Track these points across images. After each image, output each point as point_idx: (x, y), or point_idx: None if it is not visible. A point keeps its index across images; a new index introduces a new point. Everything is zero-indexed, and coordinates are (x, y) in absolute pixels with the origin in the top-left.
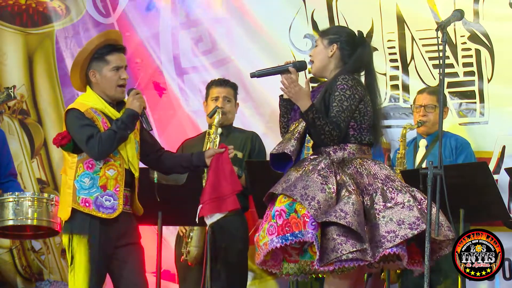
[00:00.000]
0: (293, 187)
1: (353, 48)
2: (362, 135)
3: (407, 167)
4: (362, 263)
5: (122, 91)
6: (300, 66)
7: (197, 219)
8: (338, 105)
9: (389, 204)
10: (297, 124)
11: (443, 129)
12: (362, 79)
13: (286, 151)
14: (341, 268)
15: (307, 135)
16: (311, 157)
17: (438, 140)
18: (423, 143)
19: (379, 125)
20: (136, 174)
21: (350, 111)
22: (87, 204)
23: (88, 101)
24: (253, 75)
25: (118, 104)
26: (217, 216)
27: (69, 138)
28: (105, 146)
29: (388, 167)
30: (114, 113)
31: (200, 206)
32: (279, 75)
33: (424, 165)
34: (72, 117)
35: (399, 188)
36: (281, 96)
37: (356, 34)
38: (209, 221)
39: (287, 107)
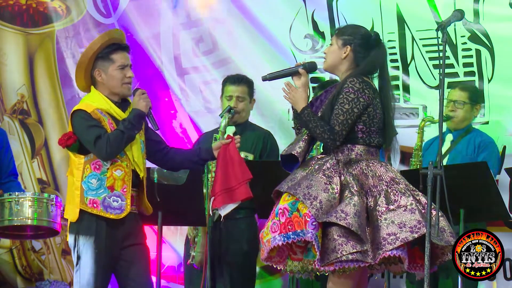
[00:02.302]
0: (297, 186)
1: (366, 50)
2: (371, 137)
3: (425, 160)
4: (363, 264)
5: (128, 88)
6: (310, 67)
7: (211, 212)
8: (338, 107)
9: (391, 207)
10: None
11: (472, 125)
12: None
13: (293, 153)
14: (342, 268)
15: None
16: (318, 157)
17: (464, 135)
18: (449, 137)
19: (391, 127)
20: (142, 174)
21: (351, 114)
22: (95, 205)
23: (94, 101)
24: (264, 79)
25: (122, 103)
26: (230, 207)
27: (74, 138)
28: (113, 146)
29: (394, 169)
30: (120, 113)
31: (212, 198)
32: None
33: (446, 160)
34: (78, 118)
35: (403, 191)
36: None
37: (372, 35)
38: (222, 212)
39: None
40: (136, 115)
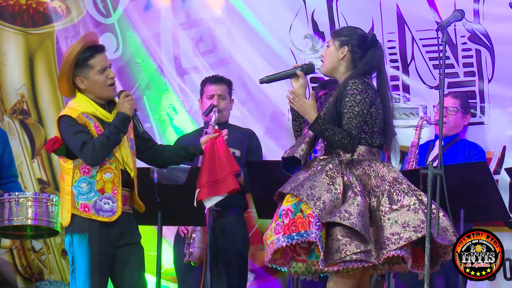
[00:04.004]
0: (300, 187)
1: (364, 51)
2: (373, 138)
3: (419, 163)
4: (366, 264)
5: (113, 89)
6: (307, 69)
7: (195, 203)
8: (349, 111)
9: (395, 207)
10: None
11: (459, 136)
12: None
13: (296, 155)
14: (346, 268)
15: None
16: (321, 158)
17: (454, 142)
18: (438, 143)
19: (390, 127)
20: (132, 174)
21: (362, 116)
22: (86, 209)
23: (79, 105)
24: (262, 81)
25: (108, 104)
26: (215, 199)
27: (60, 142)
28: (99, 152)
29: (397, 170)
30: (106, 115)
31: (198, 190)
32: (288, 79)
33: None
34: (64, 124)
35: (406, 191)
36: None
37: (369, 36)
38: (207, 204)
39: None
40: (121, 119)
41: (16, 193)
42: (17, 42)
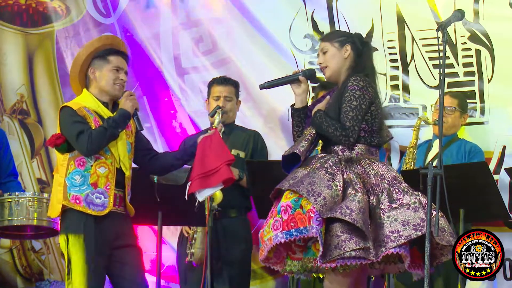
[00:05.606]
0: (300, 183)
1: (362, 45)
2: (372, 137)
3: (417, 163)
4: (365, 262)
5: (119, 89)
6: (309, 74)
7: (186, 197)
8: (347, 105)
9: (394, 205)
10: (310, 128)
11: (457, 135)
12: None
13: (296, 151)
14: (344, 265)
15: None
16: (319, 155)
17: (452, 142)
18: (437, 143)
19: (383, 125)
20: (127, 174)
21: (359, 110)
22: (77, 201)
23: (82, 100)
24: (262, 87)
25: (113, 106)
26: (208, 192)
27: (63, 138)
28: (94, 142)
29: (395, 170)
30: (107, 113)
31: (189, 183)
32: (289, 84)
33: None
34: (64, 114)
35: (406, 190)
36: (292, 105)
37: (357, 34)
38: (200, 197)
39: (300, 116)
40: (121, 115)
41: (16, 193)
42: (17, 42)
